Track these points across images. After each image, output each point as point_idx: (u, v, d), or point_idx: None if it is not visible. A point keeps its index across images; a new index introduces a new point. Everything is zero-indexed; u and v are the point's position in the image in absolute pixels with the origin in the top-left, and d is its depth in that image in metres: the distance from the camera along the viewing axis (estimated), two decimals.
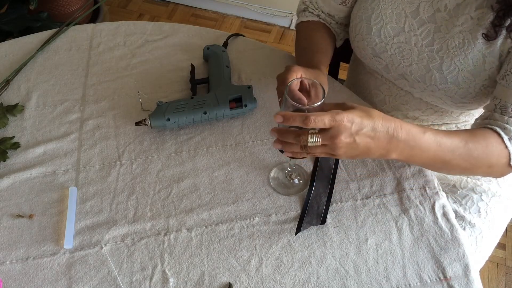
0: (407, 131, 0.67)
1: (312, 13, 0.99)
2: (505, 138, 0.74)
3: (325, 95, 0.69)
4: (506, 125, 0.75)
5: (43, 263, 0.75)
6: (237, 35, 1.08)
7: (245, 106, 0.91)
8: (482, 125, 0.79)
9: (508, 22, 0.75)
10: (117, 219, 0.80)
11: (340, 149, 0.65)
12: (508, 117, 0.76)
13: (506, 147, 0.75)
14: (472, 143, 0.73)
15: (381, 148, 0.67)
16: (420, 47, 0.85)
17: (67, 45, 1.07)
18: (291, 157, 0.74)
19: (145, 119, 0.89)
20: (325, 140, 0.64)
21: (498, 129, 0.75)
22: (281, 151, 0.72)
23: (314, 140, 0.64)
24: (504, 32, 0.76)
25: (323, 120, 0.63)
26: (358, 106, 0.66)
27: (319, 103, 0.67)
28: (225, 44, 1.05)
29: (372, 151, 0.67)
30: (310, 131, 0.65)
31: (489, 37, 0.77)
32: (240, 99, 0.91)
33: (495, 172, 0.78)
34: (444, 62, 0.82)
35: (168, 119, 0.88)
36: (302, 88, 0.75)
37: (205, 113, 0.89)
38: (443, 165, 0.75)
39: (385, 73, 0.94)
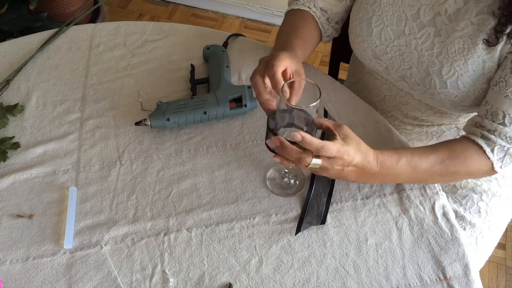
0: (381, 164, 0.74)
1: (304, 4, 0.97)
2: (487, 149, 0.77)
3: (321, 95, 0.69)
4: (491, 136, 0.77)
5: (43, 263, 0.75)
6: (237, 35, 1.08)
7: (245, 106, 0.91)
8: (468, 133, 0.81)
9: (509, 28, 0.74)
10: (117, 219, 0.80)
11: (329, 172, 0.72)
12: (498, 124, 0.76)
13: (489, 158, 0.77)
14: (449, 159, 0.77)
15: (357, 177, 0.75)
16: (420, 51, 0.84)
17: (67, 45, 1.07)
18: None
19: (145, 119, 0.89)
20: (324, 164, 0.70)
21: (480, 141, 0.77)
22: (269, 148, 0.74)
23: (315, 163, 0.69)
24: (505, 38, 0.76)
25: (332, 151, 0.68)
26: (351, 135, 0.71)
27: (314, 104, 0.68)
28: (225, 44, 1.04)
29: (349, 178, 0.74)
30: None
31: (490, 43, 0.77)
32: (240, 99, 0.91)
33: (479, 176, 0.83)
34: (444, 67, 0.82)
35: (168, 119, 0.88)
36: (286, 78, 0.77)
37: (205, 113, 0.89)
38: (421, 182, 0.82)
39: (385, 74, 0.94)
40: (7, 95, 0.97)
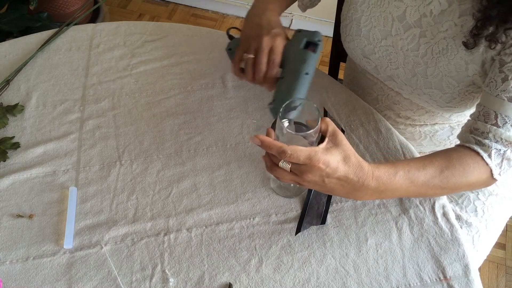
0: (377, 179, 0.68)
1: None
2: (484, 155, 0.74)
3: (320, 120, 0.65)
4: (486, 141, 0.74)
5: (43, 263, 0.75)
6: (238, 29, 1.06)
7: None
8: (463, 141, 0.78)
9: (486, 32, 0.74)
10: (117, 219, 0.80)
11: (308, 183, 0.66)
12: (491, 124, 0.74)
13: (487, 164, 0.74)
14: (448, 170, 0.73)
15: (347, 192, 0.69)
16: (406, 51, 0.85)
17: (67, 45, 1.07)
18: None
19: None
20: (295, 170, 0.65)
21: (476, 148, 0.74)
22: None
23: (284, 165, 0.65)
24: (483, 41, 0.75)
25: (299, 157, 0.62)
26: (342, 146, 0.66)
27: (314, 130, 0.65)
28: (230, 37, 0.99)
29: (337, 192, 0.69)
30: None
31: (468, 46, 0.76)
32: (310, 43, 0.85)
33: (479, 186, 0.78)
34: (429, 67, 0.82)
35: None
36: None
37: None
38: (419, 196, 0.79)
39: (375, 73, 0.94)
40: (7, 95, 0.97)
